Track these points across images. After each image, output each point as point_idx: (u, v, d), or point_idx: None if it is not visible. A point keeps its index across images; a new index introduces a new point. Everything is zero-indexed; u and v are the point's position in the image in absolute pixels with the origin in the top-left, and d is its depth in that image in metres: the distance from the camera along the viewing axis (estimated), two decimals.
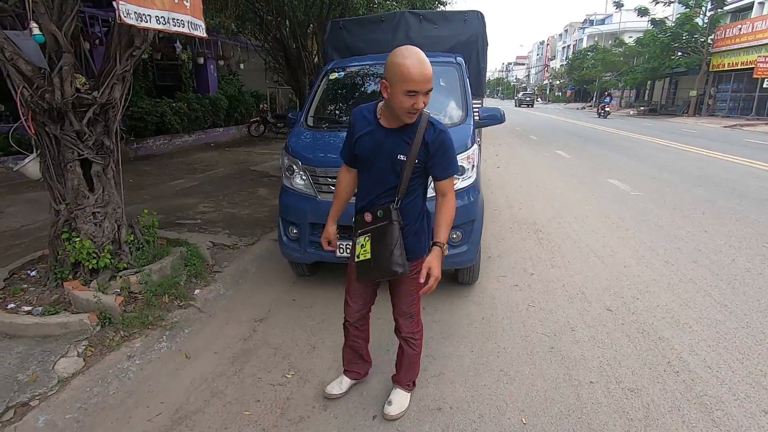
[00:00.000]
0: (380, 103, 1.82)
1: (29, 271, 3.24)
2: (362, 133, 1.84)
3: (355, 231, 1.94)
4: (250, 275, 3.72)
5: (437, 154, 1.78)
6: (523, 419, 2.04)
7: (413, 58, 1.60)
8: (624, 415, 2.05)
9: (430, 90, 1.66)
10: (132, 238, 3.21)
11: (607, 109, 26.97)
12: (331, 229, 2.13)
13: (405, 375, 2.15)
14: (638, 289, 3.37)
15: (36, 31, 2.33)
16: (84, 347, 2.49)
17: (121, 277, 2.95)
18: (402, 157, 1.77)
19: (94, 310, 2.69)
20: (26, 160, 2.98)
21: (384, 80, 1.67)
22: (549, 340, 2.68)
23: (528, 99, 51.02)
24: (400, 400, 2.11)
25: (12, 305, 2.78)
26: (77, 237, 2.89)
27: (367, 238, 1.87)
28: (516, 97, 55.96)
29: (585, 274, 3.65)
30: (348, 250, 2.95)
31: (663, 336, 2.71)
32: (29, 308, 2.75)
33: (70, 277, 2.93)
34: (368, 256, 1.86)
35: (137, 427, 2.04)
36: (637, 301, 3.18)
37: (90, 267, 2.90)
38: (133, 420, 2.09)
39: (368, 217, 1.87)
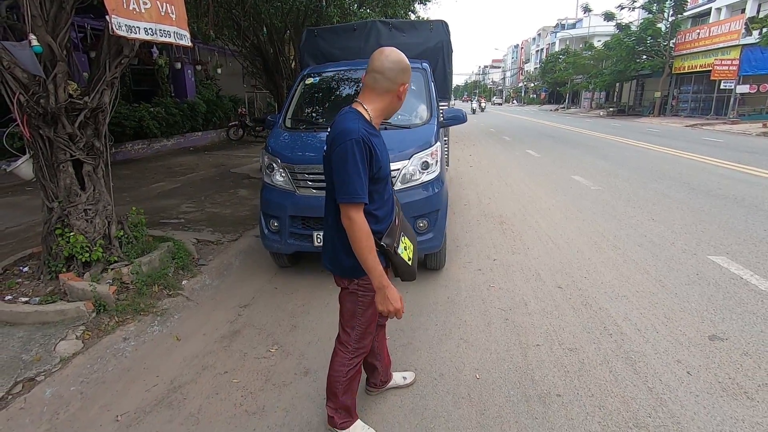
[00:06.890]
0: (367, 112, 1.60)
1: (21, 268, 3.42)
2: (383, 149, 1.62)
3: (390, 248, 1.65)
4: (234, 268, 3.97)
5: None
6: (477, 375, 2.37)
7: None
8: (562, 369, 2.40)
9: None
10: (122, 234, 3.42)
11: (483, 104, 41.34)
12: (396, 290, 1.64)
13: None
14: (587, 269, 3.76)
15: (35, 42, 2.55)
16: (82, 331, 2.71)
17: (112, 269, 3.17)
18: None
19: (90, 298, 2.90)
20: (19, 161, 3.16)
21: (404, 84, 1.62)
22: (504, 314, 3.03)
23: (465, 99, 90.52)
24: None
25: (9, 297, 2.97)
26: (70, 232, 3.09)
27: (404, 237, 1.75)
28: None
29: (542, 259, 4.03)
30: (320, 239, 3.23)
31: (603, 306, 3.09)
32: (26, 299, 2.94)
33: (64, 270, 3.13)
34: (413, 249, 1.79)
35: (136, 397, 2.29)
36: (585, 279, 3.57)
37: (83, 260, 3.10)
38: (132, 391, 2.33)
39: (396, 220, 1.75)
